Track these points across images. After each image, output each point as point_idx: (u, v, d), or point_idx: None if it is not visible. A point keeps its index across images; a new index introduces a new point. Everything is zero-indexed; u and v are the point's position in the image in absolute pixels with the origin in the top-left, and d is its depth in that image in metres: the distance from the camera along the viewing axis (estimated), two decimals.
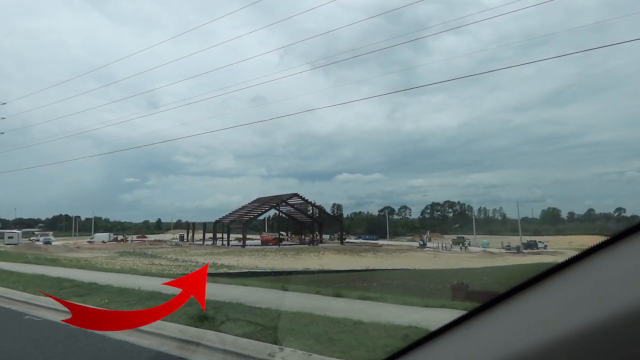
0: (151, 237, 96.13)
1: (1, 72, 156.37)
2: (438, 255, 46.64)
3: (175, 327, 7.31)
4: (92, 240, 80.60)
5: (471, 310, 1.04)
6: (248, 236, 71.68)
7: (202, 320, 7.33)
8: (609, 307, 0.76)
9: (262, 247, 54.61)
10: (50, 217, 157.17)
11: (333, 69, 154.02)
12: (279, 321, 7.54)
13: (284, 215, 68.17)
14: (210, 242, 64.74)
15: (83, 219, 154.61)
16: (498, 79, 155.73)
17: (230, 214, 68.54)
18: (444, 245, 59.10)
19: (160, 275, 19.06)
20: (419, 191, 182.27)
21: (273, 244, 59.85)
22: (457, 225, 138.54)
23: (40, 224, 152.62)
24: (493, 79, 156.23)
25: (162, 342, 7.03)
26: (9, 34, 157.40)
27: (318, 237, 62.40)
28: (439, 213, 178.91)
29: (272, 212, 75.85)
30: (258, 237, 75.09)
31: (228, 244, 60.44)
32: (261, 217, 70.73)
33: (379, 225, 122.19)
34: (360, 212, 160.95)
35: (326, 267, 34.63)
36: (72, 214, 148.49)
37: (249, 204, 70.74)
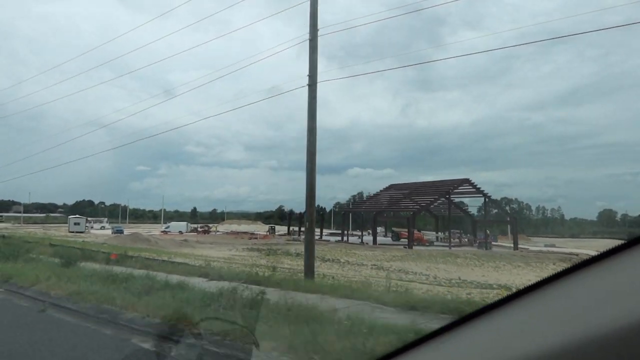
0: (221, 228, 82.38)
1: (16, 56, 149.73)
2: None
3: None
4: (167, 230, 66.90)
5: (469, 314, 1.01)
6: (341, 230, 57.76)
7: None
8: (616, 316, 0.72)
9: (439, 250, 39.87)
10: (69, 202, 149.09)
11: (349, 63, 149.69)
12: None
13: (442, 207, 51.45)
14: (335, 238, 50.46)
15: (108, 204, 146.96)
16: (514, 77, 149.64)
17: (359, 203, 54.31)
18: None
19: None
20: None
21: (424, 244, 44.98)
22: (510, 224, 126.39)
23: (60, 209, 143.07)
24: (509, 77, 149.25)
25: None
26: (25, 18, 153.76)
27: (489, 238, 47.41)
28: (495, 211, 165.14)
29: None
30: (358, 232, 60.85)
31: (375, 242, 45.88)
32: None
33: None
34: None
35: None
36: (83, 199, 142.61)
37: (381, 191, 56.29)
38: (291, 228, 63.67)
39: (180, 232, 65.95)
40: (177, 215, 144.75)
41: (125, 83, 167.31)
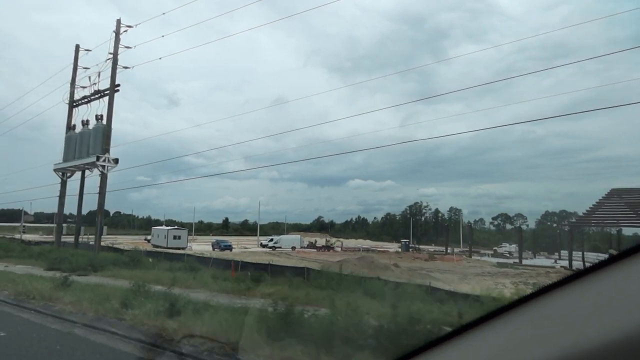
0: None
1: (18, 66, 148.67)
2: None
3: None
4: (277, 245, 53.25)
5: (475, 319, 1.03)
6: (477, 249, 46.39)
7: None
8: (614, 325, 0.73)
9: None
10: (75, 212, 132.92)
11: (351, 74, 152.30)
12: None
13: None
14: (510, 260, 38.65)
15: (122, 214, 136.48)
16: (515, 91, 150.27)
17: (585, 214, 42.89)
18: None
19: None
20: (430, 200, 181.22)
21: None
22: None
23: (69, 219, 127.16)
24: (510, 91, 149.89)
25: None
26: (27, 28, 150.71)
27: None
28: (555, 225, 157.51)
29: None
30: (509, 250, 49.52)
31: None
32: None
33: (548, 239, 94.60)
34: (477, 221, 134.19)
35: None
36: (95, 208, 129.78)
37: (603, 199, 45.08)
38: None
39: (293, 248, 52.87)
40: (205, 227, 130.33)
41: (126, 92, 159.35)
